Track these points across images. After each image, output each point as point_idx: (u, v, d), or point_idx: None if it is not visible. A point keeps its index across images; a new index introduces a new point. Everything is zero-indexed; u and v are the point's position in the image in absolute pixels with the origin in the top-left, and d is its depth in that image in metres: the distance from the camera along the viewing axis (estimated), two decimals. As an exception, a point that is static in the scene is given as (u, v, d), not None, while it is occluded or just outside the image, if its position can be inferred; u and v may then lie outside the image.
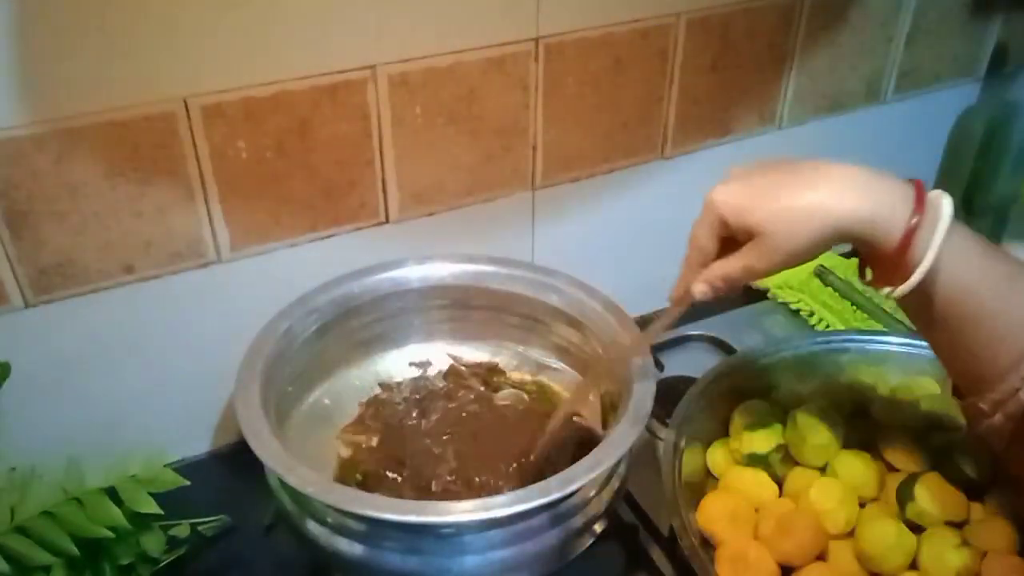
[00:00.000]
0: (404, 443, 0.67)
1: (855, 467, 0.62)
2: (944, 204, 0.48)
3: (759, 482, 0.63)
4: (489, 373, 0.74)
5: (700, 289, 0.53)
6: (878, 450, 0.64)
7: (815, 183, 0.49)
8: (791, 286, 0.92)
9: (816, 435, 0.63)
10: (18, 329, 0.61)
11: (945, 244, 0.47)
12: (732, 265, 0.52)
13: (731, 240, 0.52)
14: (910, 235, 0.47)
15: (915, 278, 0.48)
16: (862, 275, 0.53)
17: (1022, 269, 0.50)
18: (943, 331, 0.52)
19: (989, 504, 0.60)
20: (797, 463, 0.64)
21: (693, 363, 0.79)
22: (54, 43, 0.54)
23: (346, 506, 0.52)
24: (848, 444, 0.64)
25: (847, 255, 0.95)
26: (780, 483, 0.64)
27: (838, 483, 0.61)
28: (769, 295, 0.92)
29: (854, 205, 0.48)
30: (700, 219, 0.53)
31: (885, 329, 0.84)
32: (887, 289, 0.50)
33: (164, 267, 0.64)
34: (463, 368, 0.74)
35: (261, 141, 0.63)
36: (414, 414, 0.70)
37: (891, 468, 0.63)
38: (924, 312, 0.51)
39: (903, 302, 0.51)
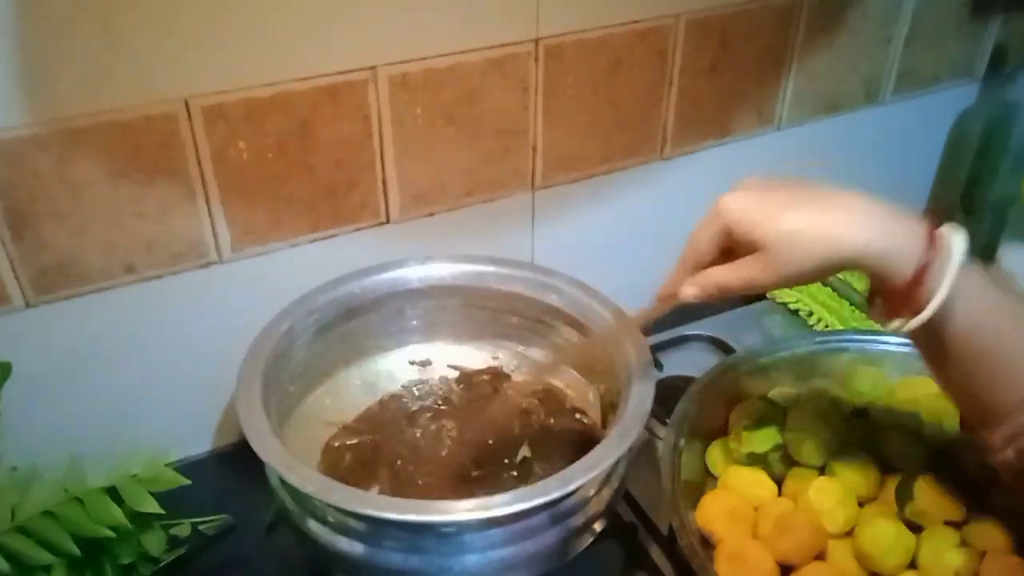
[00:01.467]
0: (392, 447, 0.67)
1: (854, 467, 0.62)
2: (956, 241, 0.48)
3: (758, 481, 0.63)
4: (496, 379, 0.74)
5: (690, 292, 0.52)
6: (877, 450, 0.64)
7: (828, 209, 0.49)
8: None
9: (815, 435, 0.63)
10: (19, 329, 0.61)
11: (956, 281, 0.47)
12: (731, 275, 0.51)
13: (731, 249, 0.51)
14: (922, 272, 0.47)
15: (926, 314, 0.48)
16: (871, 306, 0.52)
17: None
18: (952, 367, 0.52)
19: (988, 505, 0.60)
20: (796, 463, 0.64)
21: (692, 363, 0.79)
22: (55, 44, 0.54)
23: (347, 505, 0.52)
24: (847, 444, 0.64)
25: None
26: (779, 482, 0.64)
27: (837, 483, 0.61)
28: (768, 295, 0.92)
29: (867, 237, 0.48)
30: (704, 222, 0.52)
31: (884, 329, 0.84)
32: (896, 322, 0.50)
33: (165, 267, 0.65)
34: (471, 374, 0.74)
35: (262, 142, 0.63)
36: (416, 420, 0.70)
37: (890, 468, 0.63)
38: (933, 347, 0.51)
39: (912, 337, 0.51)
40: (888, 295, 0.50)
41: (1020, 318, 0.50)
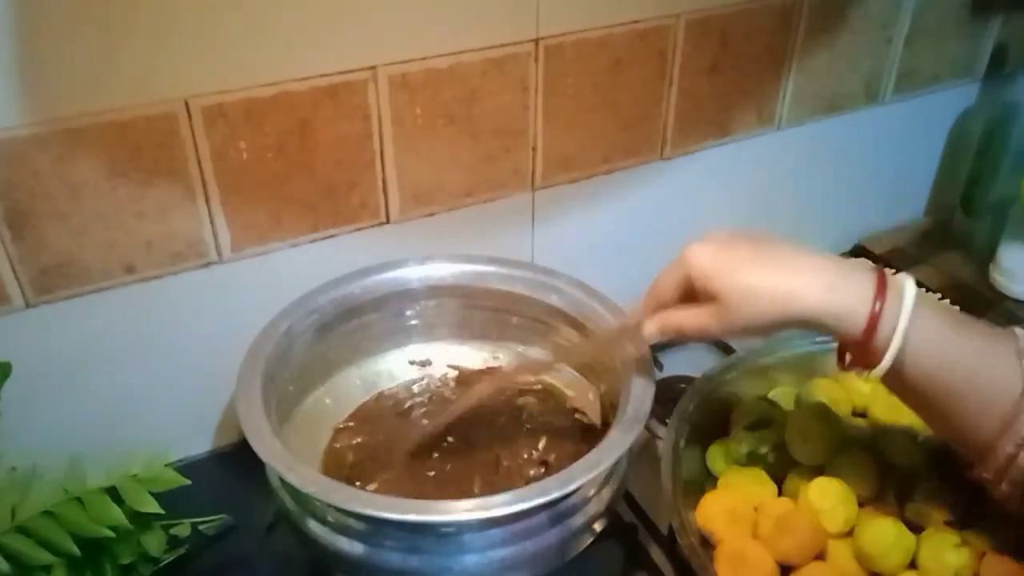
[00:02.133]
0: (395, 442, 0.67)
1: (854, 466, 0.62)
2: (907, 287, 0.50)
3: (758, 481, 0.63)
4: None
5: (650, 330, 0.56)
6: (877, 450, 0.64)
7: (784, 270, 0.51)
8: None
9: (815, 435, 0.63)
10: (19, 329, 0.61)
11: (911, 327, 0.49)
12: (688, 320, 0.53)
13: (693, 295, 0.53)
14: (874, 322, 0.49)
15: (885, 362, 0.50)
16: (841, 361, 0.54)
17: (991, 338, 0.52)
18: (926, 407, 0.54)
19: (989, 506, 0.60)
20: (796, 462, 0.64)
21: (692, 362, 0.79)
22: (54, 43, 0.54)
23: (347, 505, 0.52)
24: (847, 444, 0.64)
25: (846, 256, 0.95)
26: (779, 482, 0.64)
27: (837, 482, 0.61)
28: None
29: (818, 298, 0.50)
30: (669, 269, 0.54)
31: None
32: (865, 373, 0.52)
33: (165, 267, 0.65)
34: (470, 374, 0.74)
35: (262, 142, 0.63)
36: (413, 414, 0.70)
37: (890, 468, 0.63)
38: (904, 391, 0.53)
39: (885, 383, 0.53)
40: (851, 348, 0.52)
41: (982, 351, 0.51)
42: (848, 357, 0.53)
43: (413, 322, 0.74)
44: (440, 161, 0.72)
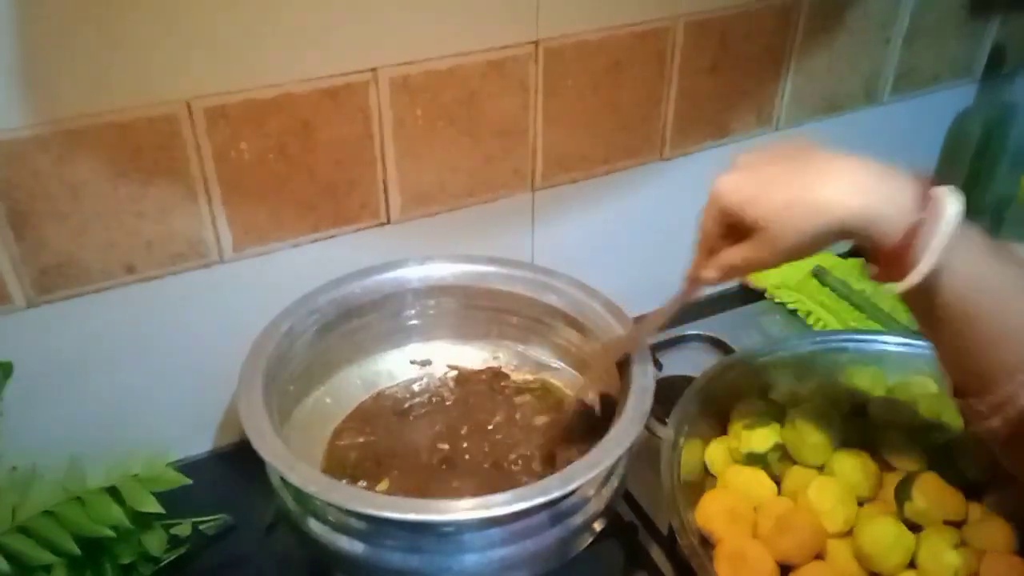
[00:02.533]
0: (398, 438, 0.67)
1: (853, 466, 0.62)
2: (949, 203, 0.48)
3: (758, 481, 0.64)
4: (495, 379, 0.74)
5: (709, 275, 0.55)
6: (876, 449, 0.64)
7: (819, 178, 0.49)
8: (789, 286, 0.92)
9: (814, 434, 0.64)
10: (20, 329, 0.61)
11: (949, 245, 0.47)
12: (739, 255, 0.52)
13: (741, 226, 0.52)
14: (911, 235, 0.47)
15: (913, 277, 0.48)
16: (866, 267, 0.52)
17: None
18: (944, 331, 0.52)
19: (987, 503, 0.60)
20: (795, 462, 0.64)
21: (692, 362, 0.79)
22: (56, 44, 0.54)
23: (347, 505, 0.52)
24: (846, 443, 0.64)
25: (845, 255, 0.95)
26: (778, 482, 0.64)
27: (836, 482, 0.61)
28: (767, 295, 0.92)
29: (858, 203, 0.48)
30: (706, 208, 0.53)
31: (882, 329, 0.85)
32: (888, 285, 0.50)
33: (166, 267, 0.65)
34: (469, 374, 0.74)
35: (263, 143, 0.63)
36: (411, 416, 0.70)
37: (889, 467, 0.63)
38: (926, 310, 0.51)
39: (906, 299, 0.51)
40: (882, 257, 0.50)
41: (1016, 283, 0.49)
42: (872, 268, 0.51)
43: (413, 322, 0.74)
44: (440, 162, 0.72)
